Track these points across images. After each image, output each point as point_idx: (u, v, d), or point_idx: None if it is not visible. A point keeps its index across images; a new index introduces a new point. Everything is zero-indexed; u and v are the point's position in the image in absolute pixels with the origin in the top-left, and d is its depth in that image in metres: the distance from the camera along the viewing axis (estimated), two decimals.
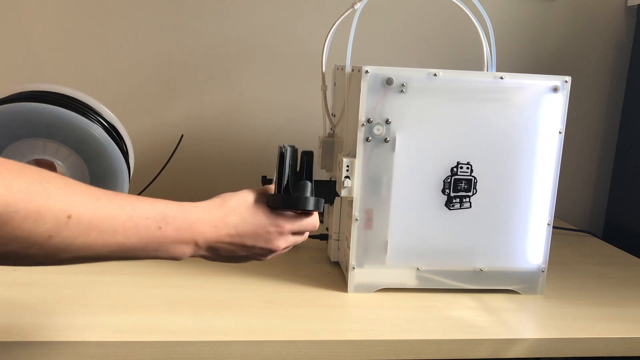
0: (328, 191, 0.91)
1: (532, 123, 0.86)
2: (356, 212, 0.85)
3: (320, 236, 1.04)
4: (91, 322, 0.73)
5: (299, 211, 0.68)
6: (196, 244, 0.61)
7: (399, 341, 0.74)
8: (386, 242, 0.87)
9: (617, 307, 0.88)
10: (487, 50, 0.89)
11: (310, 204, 0.67)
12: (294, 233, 0.68)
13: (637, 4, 1.32)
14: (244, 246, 0.64)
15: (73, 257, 0.52)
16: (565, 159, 0.90)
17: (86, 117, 0.73)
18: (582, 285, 0.96)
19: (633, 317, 0.84)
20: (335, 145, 0.98)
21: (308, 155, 0.71)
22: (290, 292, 0.87)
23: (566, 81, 0.85)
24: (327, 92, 0.96)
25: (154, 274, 0.90)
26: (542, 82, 0.85)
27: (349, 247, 0.87)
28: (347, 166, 0.84)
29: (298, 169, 0.70)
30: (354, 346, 0.74)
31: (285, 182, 0.68)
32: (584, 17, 1.36)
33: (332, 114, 1.02)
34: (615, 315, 0.85)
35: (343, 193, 0.85)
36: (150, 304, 0.80)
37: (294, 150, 0.70)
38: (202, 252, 0.63)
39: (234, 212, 0.64)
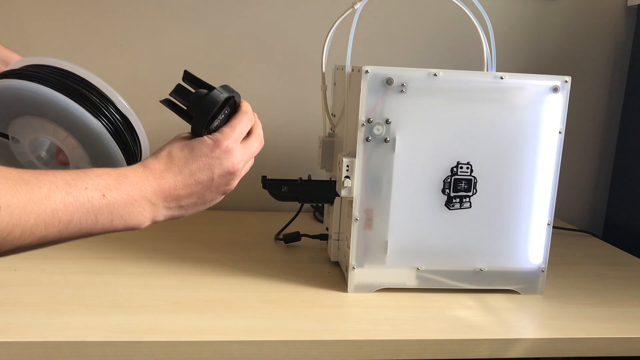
0: (328, 191, 0.91)
1: (532, 123, 0.86)
2: (356, 212, 0.85)
3: (320, 236, 1.04)
4: (91, 322, 0.73)
5: (222, 116, 0.63)
6: (150, 202, 0.58)
7: (399, 341, 0.74)
8: (386, 242, 0.87)
9: (617, 307, 0.88)
10: (487, 50, 0.89)
11: (218, 95, 0.62)
12: (242, 143, 0.64)
13: (637, 4, 1.32)
14: (201, 184, 0.61)
15: (17, 247, 0.50)
16: (565, 159, 0.90)
17: (96, 112, 0.70)
18: (582, 285, 0.96)
19: (633, 317, 0.84)
20: (335, 145, 0.98)
21: (187, 76, 0.66)
22: (290, 292, 0.87)
23: (566, 81, 0.85)
24: (327, 92, 0.96)
25: (154, 274, 0.90)
26: (542, 82, 0.85)
27: (349, 247, 0.87)
28: (347, 166, 0.84)
29: (194, 90, 0.66)
30: (354, 346, 0.74)
31: (190, 112, 0.64)
32: (584, 17, 1.36)
33: (332, 114, 1.02)
34: (615, 315, 0.85)
35: (343, 193, 0.85)
36: (150, 304, 0.80)
37: (178, 88, 0.65)
38: (164, 211, 0.60)
39: (170, 157, 0.60)
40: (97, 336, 0.70)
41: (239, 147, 0.64)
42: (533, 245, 0.89)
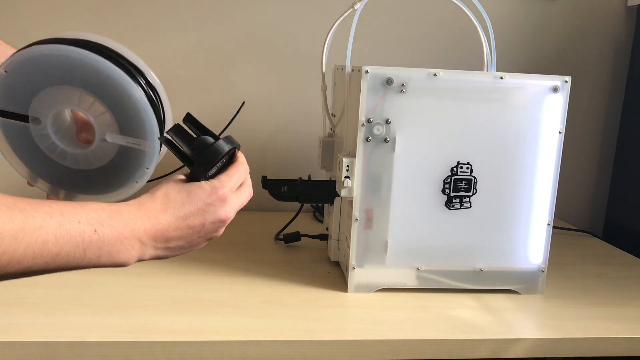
0: (328, 191, 0.91)
1: (532, 123, 0.86)
2: (356, 212, 0.85)
3: (320, 236, 1.04)
4: (91, 322, 0.73)
5: (219, 164, 0.64)
6: (140, 242, 0.58)
7: (399, 341, 0.74)
8: (386, 242, 0.87)
9: (617, 307, 0.88)
10: (487, 50, 0.89)
11: (223, 146, 0.62)
12: (235, 193, 0.64)
13: (637, 4, 1.32)
14: (192, 228, 0.61)
15: (3, 274, 0.49)
16: (565, 159, 0.90)
17: (129, 76, 0.69)
18: (582, 285, 0.96)
19: (633, 317, 0.84)
20: (335, 145, 0.98)
21: (189, 118, 0.66)
22: (290, 292, 0.87)
23: (566, 81, 0.85)
24: (327, 92, 0.96)
25: (154, 274, 0.90)
26: (542, 82, 0.85)
27: (349, 247, 0.87)
28: (347, 166, 0.84)
29: (195, 135, 0.66)
30: (354, 346, 0.74)
31: (190, 154, 0.64)
32: (584, 17, 1.36)
33: (332, 114, 1.02)
34: (615, 315, 0.85)
35: (343, 193, 0.85)
36: (150, 304, 0.80)
37: (177, 128, 0.65)
38: (151, 251, 0.60)
39: (167, 199, 0.60)
40: (97, 336, 0.70)
41: (233, 196, 0.63)
42: (533, 245, 0.89)
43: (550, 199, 0.88)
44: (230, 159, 0.67)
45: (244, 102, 0.75)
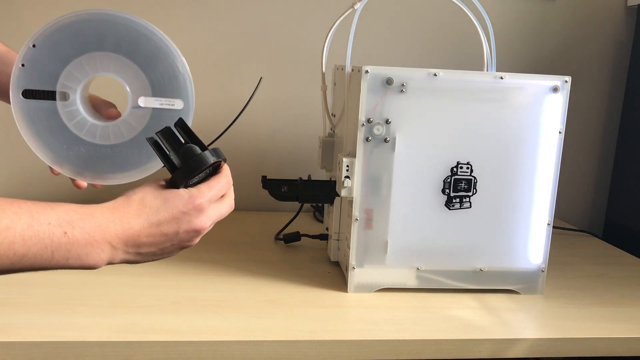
0: (328, 191, 0.91)
1: (532, 123, 0.86)
2: (356, 212, 0.85)
3: (320, 236, 1.04)
4: (91, 322, 0.73)
5: (202, 174, 0.63)
6: (111, 245, 0.57)
7: (399, 341, 0.74)
8: (386, 242, 0.87)
9: (617, 307, 0.88)
10: (487, 50, 0.89)
11: (208, 157, 0.61)
12: (214, 203, 0.63)
13: (637, 4, 1.32)
14: (165, 236, 0.60)
15: None
16: (565, 159, 0.90)
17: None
18: (582, 285, 0.96)
19: (633, 317, 0.84)
20: (335, 145, 0.98)
21: (180, 123, 0.66)
22: (290, 292, 0.87)
23: (566, 81, 0.85)
24: (327, 92, 0.96)
25: (154, 274, 0.90)
26: (542, 82, 0.85)
27: (349, 247, 0.87)
28: (347, 166, 0.84)
29: (183, 141, 0.65)
30: (354, 346, 0.74)
31: (176, 160, 0.63)
32: (584, 17, 1.36)
33: (332, 114, 1.02)
34: (615, 315, 0.85)
35: (343, 193, 0.85)
36: (150, 304, 0.80)
37: (167, 131, 0.65)
38: (122, 255, 0.59)
39: (143, 205, 0.59)
40: (97, 336, 0.70)
41: (211, 207, 0.62)
42: (533, 245, 0.89)
43: (550, 199, 0.88)
44: (214, 171, 0.66)
45: (261, 78, 0.75)
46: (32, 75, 0.67)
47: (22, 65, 0.66)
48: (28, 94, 0.67)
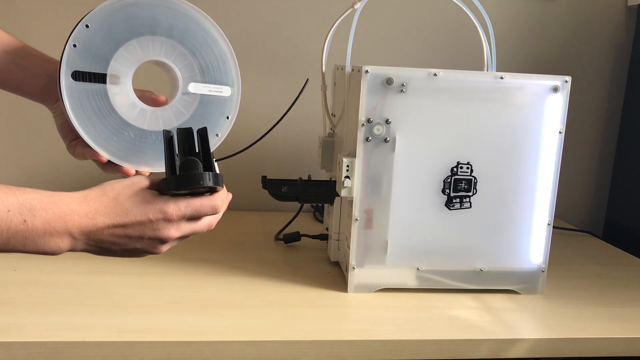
0: (328, 191, 0.91)
1: (532, 123, 0.86)
2: (356, 212, 0.85)
3: (320, 236, 1.04)
4: (91, 322, 0.73)
5: (192, 190, 0.61)
6: (71, 236, 0.57)
7: (399, 341, 0.74)
8: (386, 242, 0.87)
9: (617, 307, 0.88)
10: (487, 50, 0.89)
11: (204, 180, 0.59)
12: (190, 219, 0.62)
13: (637, 4, 1.32)
14: (129, 238, 0.59)
15: None
16: (565, 159, 0.90)
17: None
18: (582, 285, 0.96)
19: (633, 317, 0.84)
20: (335, 145, 0.98)
21: (202, 132, 0.65)
22: (290, 292, 0.87)
23: (566, 81, 0.85)
24: (327, 92, 0.96)
25: (154, 274, 0.90)
26: (542, 82, 0.85)
27: (349, 247, 0.87)
28: (347, 166, 0.84)
29: (197, 151, 0.64)
30: (354, 346, 0.74)
31: (179, 164, 0.62)
32: (584, 17, 1.35)
33: (332, 114, 1.02)
34: (615, 315, 0.85)
35: (343, 193, 0.85)
36: (150, 304, 0.80)
37: (184, 131, 0.64)
38: (82, 246, 0.58)
39: (115, 202, 0.59)
40: (97, 336, 0.70)
41: (183, 223, 0.62)
42: (533, 245, 0.89)
43: (551, 199, 0.88)
44: (209, 192, 0.64)
45: (307, 80, 0.75)
46: (83, 56, 0.65)
47: (74, 45, 0.65)
48: (78, 75, 0.65)
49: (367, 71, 0.81)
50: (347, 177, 0.84)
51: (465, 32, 1.27)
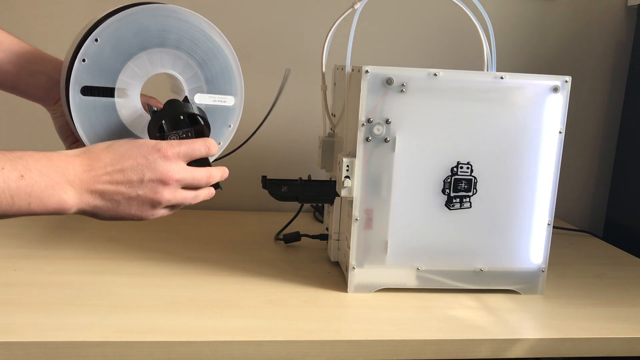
0: (328, 191, 0.91)
1: (532, 123, 0.86)
2: (356, 212, 0.85)
3: (320, 236, 1.04)
4: (91, 322, 0.73)
5: (179, 132, 0.63)
6: (72, 186, 0.56)
7: (399, 341, 0.74)
8: (386, 242, 0.87)
9: (617, 307, 0.88)
10: (487, 50, 0.89)
11: (187, 108, 0.61)
12: (185, 187, 0.62)
13: (637, 4, 1.32)
14: (130, 183, 0.59)
15: None
16: (565, 159, 0.90)
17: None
18: (582, 285, 0.96)
19: (633, 317, 0.84)
20: (335, 145, 0.98)
21: (200, 114, 0.66)
22: (290, 292, 0.87)
23: (566, 81, 0.85)
24: (327, 92, 0.96)
25: (154, 274, 0.90)
26: (542, 82, 0.85)
27: (349, 247, 0.87)
28: (347, 166, 0.84)
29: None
30: (354, 346, 0.74)
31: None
32: (584, 17, 1.36)
33: (332, 114, 1.02)
34: (615, 315, 0.85)
35: (343, 193, 0.85)
36: (150, 304, 0.80)
37: (183, 100, 0.65)
38: (87, 198, 0.57)
39: (109, 149, 0.59)
40: (97, 336, 0.70)
41: (180, 163, 0.62)
42: (533, 245, 0.89)
43: (550, 199, 0.88)
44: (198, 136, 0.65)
45: (288, 70, 0.76)
46: (92, 71, 0.64)
47: (83, 60, 0.64)
48: (86, 90, 0.65)
49: (367, 71, 0.81)
50: (347, 177, 0.84)
51: (465, 32, 1.27)
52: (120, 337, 0.70)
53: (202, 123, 0.66)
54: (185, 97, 0.69)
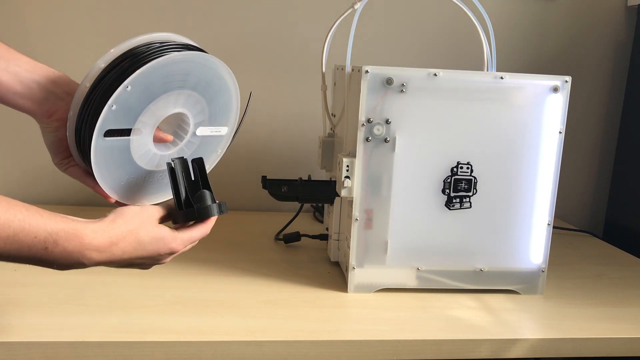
0: (328, 191, 0.91)
1: (532, 123, 0.86)
2: (356, 212, 0.85)
3: (320, 236, 1.04)
4: (91, 322, 0.73)
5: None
6: (83, 264, 0.60)
7: (399, 341, 0.74)
8: (386, 242, 0.87)
9: (617, 307, 0.88)
10: (487, 50, 0.89)
11: (214, 211, 0.68)
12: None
13: (637, 4, 1.32)
14: (134, 263, 0.66)
15: None
16: (565, 159, 0.90)
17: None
18: (582, 285, 0.96)
19: (633, 317, 0.84)
20: (335, 145, 0.98)
21: (199, 163, 0.70)
22: (290, 292, 0.87)
23: (566, 81, 0.85)
24: (327, 92, 0.96)
25: (154, 274, 0.90)
26: (542, 82, 0.85)
27: (349, 247, 0.87)
28: (347, 166, 0.84)
29: (193, 178, 0.70)
30: (354, 346, 0.74)
31: (184, 195, 0.68)
32: (584, 17, 1.35)
33: (332, 114, 1.02)
34: (615, 315, 0.85)
35: (343, 193, 0.85)
36: (150, 304, 0.80)
37: (184, 162, 0.69)
38: (94, 265, 0.63)
39: (134, 236, 0.63)
40: (97, 336, 0.70)
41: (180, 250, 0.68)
42: (533, 245, 0.89)
43: (550, 199, 0.88)
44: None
45: (251, 93, 0.77)
46: (118, 115, 0.64)
47: (112, 106, 0.62)
48: (108, 133, 0.64)
49: (367, 71, 0.81)
50: (347, 177, 0.84)
51: (465, 32, 1.27)
52: (120, 337, 0.70)
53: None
54: (203, 163, 0.71)
